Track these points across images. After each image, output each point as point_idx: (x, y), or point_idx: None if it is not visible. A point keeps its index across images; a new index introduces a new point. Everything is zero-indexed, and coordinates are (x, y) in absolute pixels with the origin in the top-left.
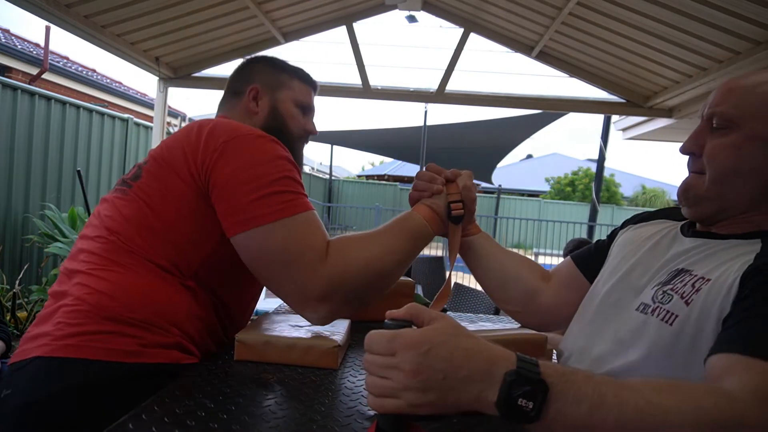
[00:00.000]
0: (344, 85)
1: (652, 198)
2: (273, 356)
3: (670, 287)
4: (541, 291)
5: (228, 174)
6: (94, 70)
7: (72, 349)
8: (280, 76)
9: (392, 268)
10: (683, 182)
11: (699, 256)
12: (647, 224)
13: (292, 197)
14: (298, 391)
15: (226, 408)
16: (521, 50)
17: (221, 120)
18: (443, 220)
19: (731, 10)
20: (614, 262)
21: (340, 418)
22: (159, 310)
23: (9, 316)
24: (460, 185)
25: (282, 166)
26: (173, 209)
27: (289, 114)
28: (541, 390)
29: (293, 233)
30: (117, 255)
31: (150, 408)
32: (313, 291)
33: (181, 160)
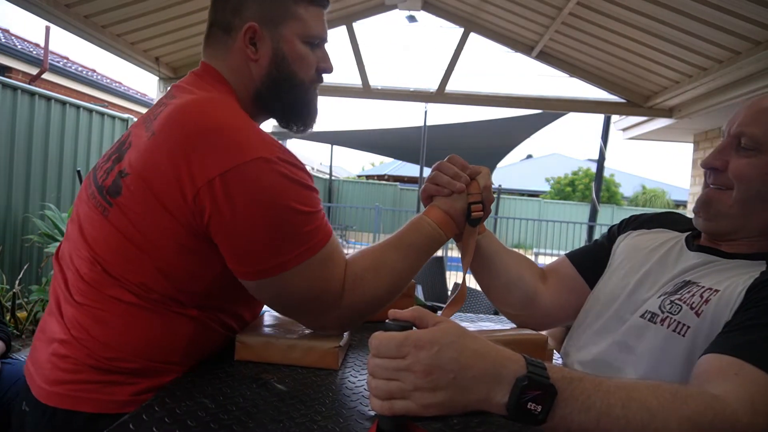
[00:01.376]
0: (344, 85)
1: (652, 198)
2: (273, 356)
3: (678, 297)
4: (541, 293)
5: (233, 221)
6: (94, 70)
7: (58, 398)
8: (281, 2)
9: (400, 289)
10: (705, 194)
11: (705, 271)
12: (649, 232)
13: (312, 235)
14: (299, 392)
15: (227, 408)
16: (521, 50)
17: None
18: (459, 224)
19: (731, 10)
20: (620, 273)
21: (340, 419)
22: (156, 354)
23: (9, 316)
24: (481, 185)
25: (298, 198)
26: (165, 245)
27: (297, 56)
28: (550, 395)
29: (312, 277)
30: (105, 288)
31: (150, 408)
32: (328, 326)
33: (169, 191)
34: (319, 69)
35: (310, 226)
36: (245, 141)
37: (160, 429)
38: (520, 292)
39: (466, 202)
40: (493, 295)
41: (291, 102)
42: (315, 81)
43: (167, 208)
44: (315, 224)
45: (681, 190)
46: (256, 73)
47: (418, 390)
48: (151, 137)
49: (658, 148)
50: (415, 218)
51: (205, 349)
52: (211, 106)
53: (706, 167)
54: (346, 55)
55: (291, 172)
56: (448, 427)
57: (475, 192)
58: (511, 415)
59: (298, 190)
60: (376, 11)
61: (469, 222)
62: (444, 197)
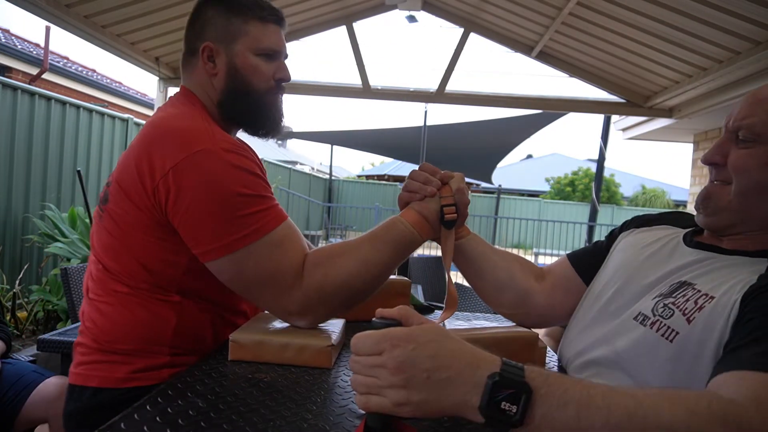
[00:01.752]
0: (344, 85)
1: (652, 198)
2: (267, 356)
3: (672, 301)
4: (534, 291)
5: (185, 207)
6: (94, 70)
7: (74, 377)
8: (233, 23)
9: (371, 280)
10: (704, 189)
11: (702, 270)
12: (649, 229)
13: (260, 216)
14: (291, 391)
15: (218, 407)
16: (521, 50)
17: (173, 129)
18: (434, 226)
19: (731, 10)
20: (613, 269)
21: (331, 417)
22: (145, 337)
23: (9, 316)
24: (453, 188)
25: (241, 182)
26: (139, 237)
27: (250, 68)
28: (524, 392)
29: (264, 257)
30: (107, 283)
31: (142, 408)
32: (290, 309)
33: (135, 189)
34: (276, 78)
35: (254, 208)
36: (193, 137)
37: (152, 428)
38: (511, 292)
39: (438, 205)
40: (484, 296)
41: (249, 109)
42: (273, 89)
43: (136, 204)
44: (260, 207)
45: (681, 190)
46: (217, 85)
47: (392, 387)
48: (127, 150)
49: (658, 148)
50: (390, 218)
51: (193, 334)
52: (170, 116)
53: (705, 163)
54: (346, 55)
55: (235, 159)
56: (438, 424)
57: (448, 195)
58: (485, 417)
59: (241, 175)
60: (376, 11)
61: (443, 224)
62: (417, 202)
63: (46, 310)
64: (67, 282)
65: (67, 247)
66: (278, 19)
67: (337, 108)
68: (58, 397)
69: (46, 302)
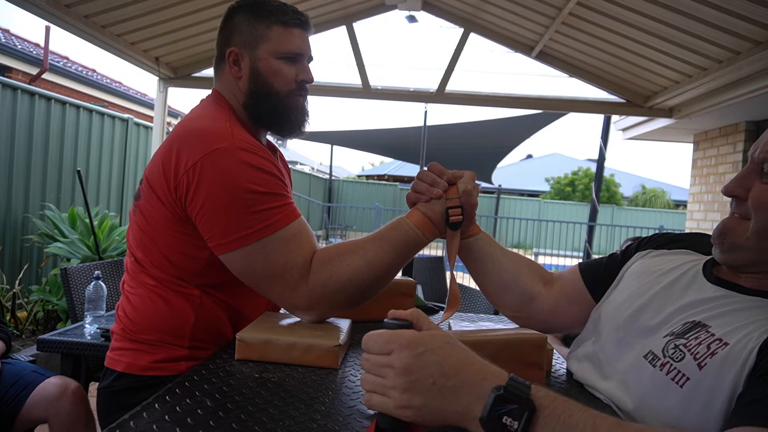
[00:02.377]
0: (344, 85)
1: (652, 198)
2: (274, 355)
3: (684, 343)
4: (539, 296)
5: (202, 202)
6: (94, 70)
7: (108, 360)
8: (257, 28)
9: (376, 279)
10: (721, 223)
11: (718, 311)
12: (668, 253)
13: (272, 213)
14: (299, 390)
15: (227, 407)
16: (521, 50)
17: (196, 129)
18: (439, 227)
19: (731, 10)
20: (627, 293)
21: (340, 417)
22: (166, 329)
23: (9, 316)
24: (460, 189)
25: (255, 180)
26: (164, 232)
27: (271, 71)
28: (528, 409)
29: (273, 253)
30: (137, 275)
31: (151, 406)
32: (296, 304)
33: (161, 187)
34: (299, 80)
35: (266, 205)
36: (212, 136)
37: (161, 427)
38: (514, 295)
39: (444, 207)
40: (488, 296)
41: (271, 110)
42: (295, 91)
43: (161, 200)
44: (273, 204)
45: (681, 190)
46: (242, 88)
47: (395, 389)
48: (158, 149)
49: (658, 148)
50: (396, 218)
51: (212, 328)
52: (196, 117)
53: (726, 194)
54: (346, 55)
55: (249, 158)
56: (449, 427)
57: (454, 197)
58: (486, 429)
59: (255, 173)
60: (376, 11)
61: (449, 226)
62: (423, 204)
63: (46, 310)
64: (67, 282)
65: (67, 247)
66: (302, 23)
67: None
68: (58, 397)
69: (46, 302)
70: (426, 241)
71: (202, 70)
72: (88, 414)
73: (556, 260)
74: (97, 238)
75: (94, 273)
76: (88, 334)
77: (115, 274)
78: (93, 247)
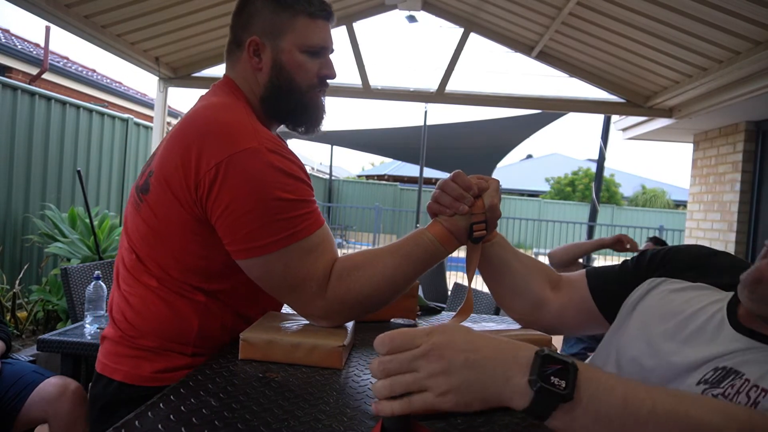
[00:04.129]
0: (344, 85)
1: (652, 198)
2: (277, 355)
3: (721, 392)
4: (548, 302)
5: (225, 205)
6: (94, 70)
7: (101, 365)
8: (281, 17)
9: (393, 293)
10: (758, 270)
11: (747, 357)
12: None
13: (298, 221)
14: (303, 391)
15: (231, 407)
16: (521, 50)
17: (218, 123)
18: (461, 241)
19: (731, 10)
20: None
21: (345, 418)
22: (169, 336)
23: (9, 316)
24: (486, 204)
25: (283, 186)
26: (176, 230)
27: (295, 65)
28: (572, 369)
29: (293, 262)
30: (138, 274)
31: (156, 406)
32: (312, 313)
33: (178, 183)
34: (321, 75)
35: (293, 212)
36: (238, 134)
37: (166, 427)
38: (524, 300)
39: (469, 222)
40: (498, 299)
41: (291, 106)
42: (316, 86)
43: (177, 197)
44: (299, 212)
45: (681, 190)
46: (261, 80)
47: (433, 376)
48: (169, 139)
49: (658, 148)
50: (416, 230)
51: (215, 337)
52: (215, 108)
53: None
54: (346, 55)
55: (279, 161)
56: (452, 426)
57: (479, 212)
58: (536, 394)
59: (284, 179)
60: (376, 11)
61: (471, 240)
62: (446, 217)
63: (46, 310)
64: (67, 282)
65: (67, 247)
66: (327, 14)
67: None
68: (58, 397)
69: (46, 302)
70: (446, 253)
71: (202, 70)
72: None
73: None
74: (97, 238)
75: (94, 273)
76: (88, 334)
77: None
78: (93, 247)
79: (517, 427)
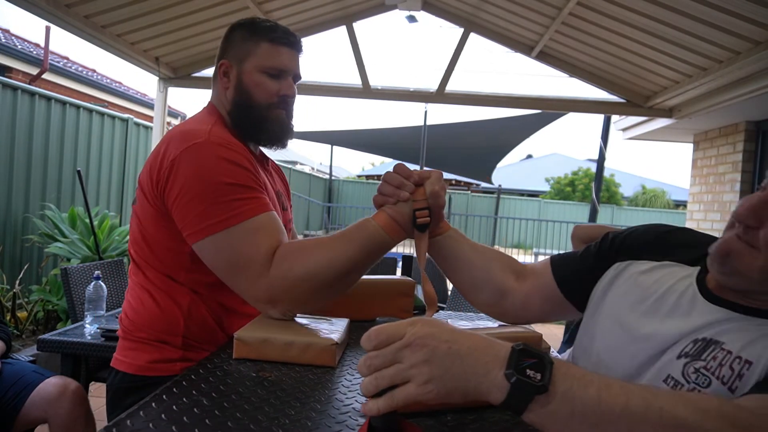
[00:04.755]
0: (344, 85)
1: (652, 198)
2: (271, 354)
3: (703, 365)
4: (512, 292)
5: (176, 193)
6: (94, 70)
7: (112, 360)
8: (248, 44)
9: (338, 276)
10: (725, 243)
11: (725, 327)
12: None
13: (241, 204)
14: (295, 389)
15: (223, 405)
16: (521, 50)
17: (181, 130)
18: (406, 229)
19: (731, 10)
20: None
21: (335, 416)
22: (158, 328)
23: (9, 316)
24: (428, 191)
25: (228, 172)
26: (151, 228)
27: (253, 84)
28: (548, 362)
29: (239, 242)
30: (135, 273)
31: (148, 405)
32: (257, 296)
33: (147, 183)
34: (280, 94)
35: (237, 195)
36: (192, 134)
37: (157, 426)
38: (487, 291)
39: (411, 209)
40: (462, 293)
41: (252, 121)
42: (275, 104)
43: (147, 197)
44: (243, 196)
45: (681, 190)
46: (229, 98)
47: (415, 366)
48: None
49: (658, 148)
50: (362, 219)
51: (204, 329)
52: (185, 122)
53: (738, 220)
54: (346, 55)
55: (224, 152)
56: (441, 424)
57: (421, 198)
58: (512, 388)
59: (228, 166)
60: (376, 11)
61: (416, 227)
62: (390, 206)
63: (46, 310)
64: (67, 282)
65: (67, 247)
66: (290, 42)
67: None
68: (58, 397)
69: (46, 302)
70: (392, 242)
71: (202, 70)
72: (88, 414)
73: None
74: (97, 238)
75: (94, 273)
76: (88, 334)
77: (115, 274)
78: (93, 247)
79: (507, 424)
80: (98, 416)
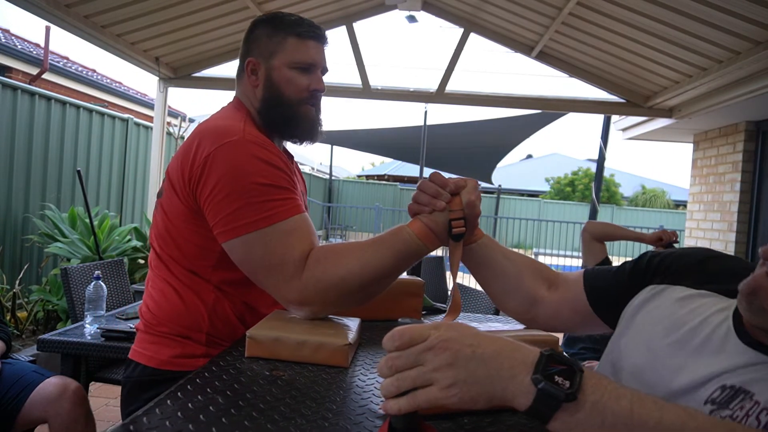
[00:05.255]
0: (344, 85)
1: (652, 198)
2: (284, 353)
3: (730, 414)
4: (542, 301)
5: (209, 191)
6: (94, 70)
7: (131, 352)
8: (273, 40)
9: (370, 282)
10: (753, 280)
11: (754, 375)
12: (694, 297)
13: (275, 205)
14: (309, 389)
15: (238, 404)
16: (521, 50)
17: (213, 126)
18: (441, 238)
19: (731, 10)
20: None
21: (351, 416)
22: (182, 323)
23: (9, 316)
24: (464, 201)
25: (261, 172)
26: (180, 224)
27: (284, 80)
28: (577, 371)
29: (272, 243)
30: (158, 268)
31: (164, 403)
32: (289, 297)
33: (178, 180)
34: (310, 89)
35: (269, 197)
36: (225, 132)
37: (174, 423)
38: (518, 299)
39: (447, 219)
40: (493, 299)
41: (283, 117)
42: (306, 99)
43: (178, 194)
44: (277, 197)
45: (681, 190)
46: (257, 96)
47: (438, 369)
48: (179, 148)
49: (658, 148)
50: (398, 225)
51: (227, 325)
52: (214, 118)
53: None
54: (346, 55)
55: (259, 151)
56: (459, 426)
57: (457, 209)
58: (538, 392)
59: (263, 166)
60: (376, 11)
61: (452, 237)
62: (426, 215)
63: (46, 310)
64: (67, 282)
65: (67, 247)
66: (316, 35)
67: (337, 108)
68: (58, 397)
69: (46, 302)
70: (426, 251)
71: (202, 70)
72: (88, 414)
73: (556, 260)
74: (97, 238)
75: (94, 273)
76: (88, 334)
77: (115, 274)
78: (93, 247)
79: (524, 428)
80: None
